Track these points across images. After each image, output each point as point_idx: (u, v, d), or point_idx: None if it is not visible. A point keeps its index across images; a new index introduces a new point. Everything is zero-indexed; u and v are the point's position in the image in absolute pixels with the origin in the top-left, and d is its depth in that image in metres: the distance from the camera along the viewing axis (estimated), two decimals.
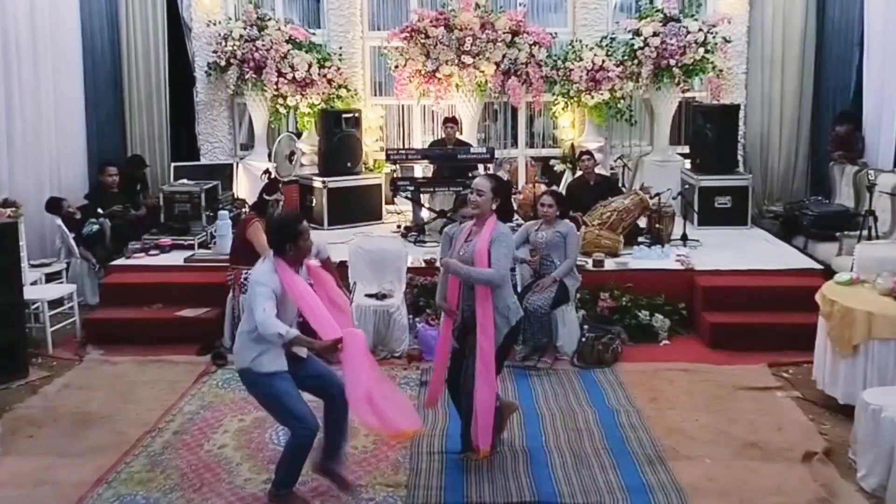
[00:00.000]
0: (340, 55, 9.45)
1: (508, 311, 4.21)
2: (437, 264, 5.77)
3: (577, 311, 6.17)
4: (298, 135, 9.60)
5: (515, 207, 8.26)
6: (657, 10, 8.99)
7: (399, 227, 8.38)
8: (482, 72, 8.91)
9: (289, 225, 3.93)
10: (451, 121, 8.73)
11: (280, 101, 9.23)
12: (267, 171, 8.01)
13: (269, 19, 9.16)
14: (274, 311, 3.72)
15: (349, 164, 8.80)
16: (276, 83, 9.00)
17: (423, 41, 8.88)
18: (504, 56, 8.90)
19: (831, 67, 9.21)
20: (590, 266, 6.74)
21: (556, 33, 9.22)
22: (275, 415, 4.01)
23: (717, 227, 8.22)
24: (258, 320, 3.69)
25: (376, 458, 4.48)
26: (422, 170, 8.88)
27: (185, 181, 8.43)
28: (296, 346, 3.80)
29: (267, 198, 6.88)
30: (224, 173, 9.12)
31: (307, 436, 3.86)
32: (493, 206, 4.26)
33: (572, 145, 9.43)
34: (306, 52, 9.14)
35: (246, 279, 5.71)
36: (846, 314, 4.79)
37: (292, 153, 8.73)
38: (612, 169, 9.35)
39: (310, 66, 9.03)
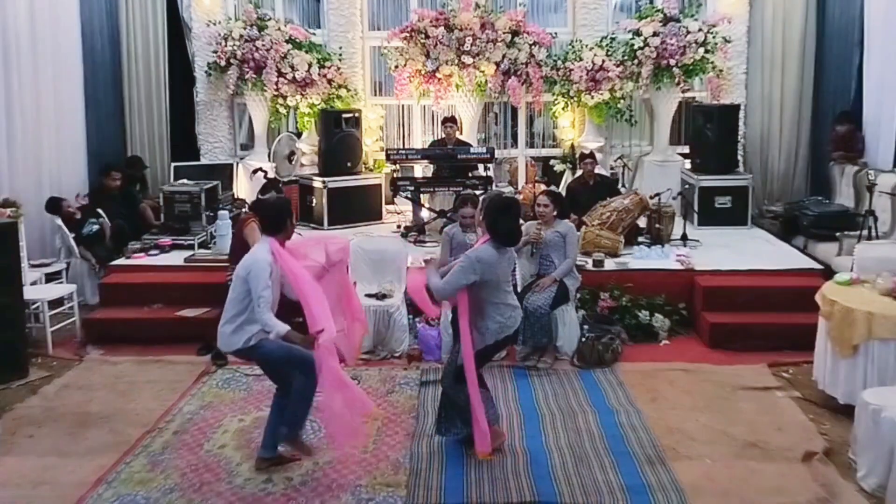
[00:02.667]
0: (340, 55, 9.46)
1: (486, 331, 4.32)
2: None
3: (577, 311, 6.17)
4: (298, 135, 9.61)
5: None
6: (657, 10, 8.99)
7: (399, 227, 8.38)
8: (482, 72, 8.91)
9: (287, 204, 4.50)
10: (451, 120, 8.73)
11: (280, 101, 9.23)
12: (258, 170, 8.00)
13: (269, 19, 9.17)
14: (270, 302, 4.07)
15: (349, 164, 8.80)
16: (276, 83, 9.00)
17: (423, 41, 8.89)
18: (504, 56, 8.91)
19: (831, 67, 9.21)
20: (590, 266, 6.74)
21: (556, 33, 9.23)
22: (277, 369, 4.33)
23: (717, 227, 8.23)
24: (260, 318, 4.04)
25: (376, 458, 4.48)
26: (422, 170, 8.89)
27: (185, 181, 8.44)
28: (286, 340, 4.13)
29: (262, 197, 6.90)
30: (224, 173, 9.13)
31: (313, 372, 4.14)
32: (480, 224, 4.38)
33: (572, 145, 9.44)
34: (306, 52, 9.14)
35: None
36: (846, 314, 4.79)
37: (292, 153, 8.73)
38: (612, 169, 9.36)
39: (310, 66, 9.03)
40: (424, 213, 8.31)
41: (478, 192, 7.37)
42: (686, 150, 9.46)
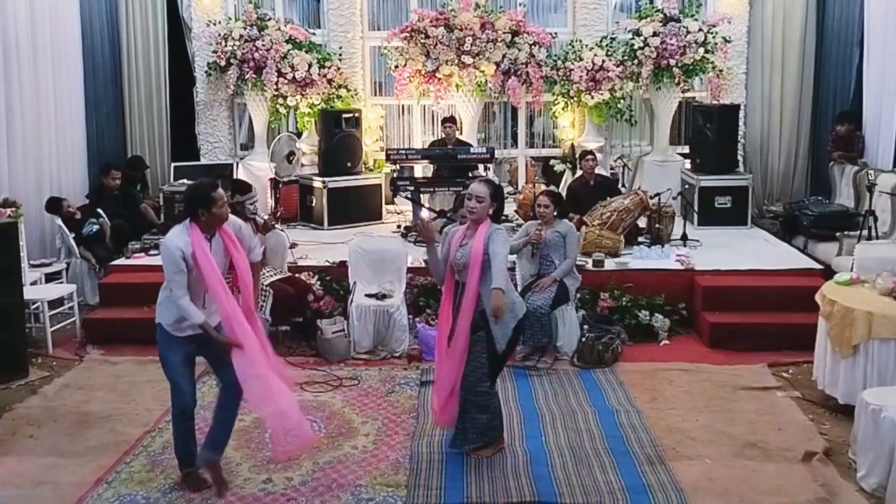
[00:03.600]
0: (340, 55, 9.46)
1: (514, 306, 4.30)
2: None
3: (577, 311, 6.17)
4: (298, 135, 9.61)
5: (516, 208, 8.28)
6: (657, 10, 8.99)
7: (399, 227, 8.38)
8: (482, 72, 8.91)
9: (202, 191, 4.03)
10: (451, 120, 8.73)
11: (280, 101, 9.23)
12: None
13: (269, 19, 9.17)
14: (185, 288, 3.95)
15: (349, 164, 8.80)
16: (276, 83, 9.00)
17: (423, 41, 8.89)
18: (504, 56, 8.91)
19: (831, 67, 9.21)
20: (590, 266, 6.74)
21: (556, 33, 9.24)
22: (165, 373, 4.21)
23: (717, 227, 8.23)
24: (176, 304, 3.98)
25: (376, 458, 4.48)
26: (422, 170, 8.89)
27: (185, 181, 8.43)
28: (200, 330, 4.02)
29: (230, 201, 6.90)
30: (224, 173, 9.12)
31: (180, 405, 4.13)
32: (490, 212, 4.32)
33: (572, 145, 9.43)
34: (306, 52, 9.15)
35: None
36: (846, 314, 4.79)
37: (292, 153, 8.73)
38: (612, 169, 9.36)
39: (310, 66, 9.03)
40: (424, 213, 8.31)
41: (461, 191, 7.39)
42: (686, 150, 9.46)
